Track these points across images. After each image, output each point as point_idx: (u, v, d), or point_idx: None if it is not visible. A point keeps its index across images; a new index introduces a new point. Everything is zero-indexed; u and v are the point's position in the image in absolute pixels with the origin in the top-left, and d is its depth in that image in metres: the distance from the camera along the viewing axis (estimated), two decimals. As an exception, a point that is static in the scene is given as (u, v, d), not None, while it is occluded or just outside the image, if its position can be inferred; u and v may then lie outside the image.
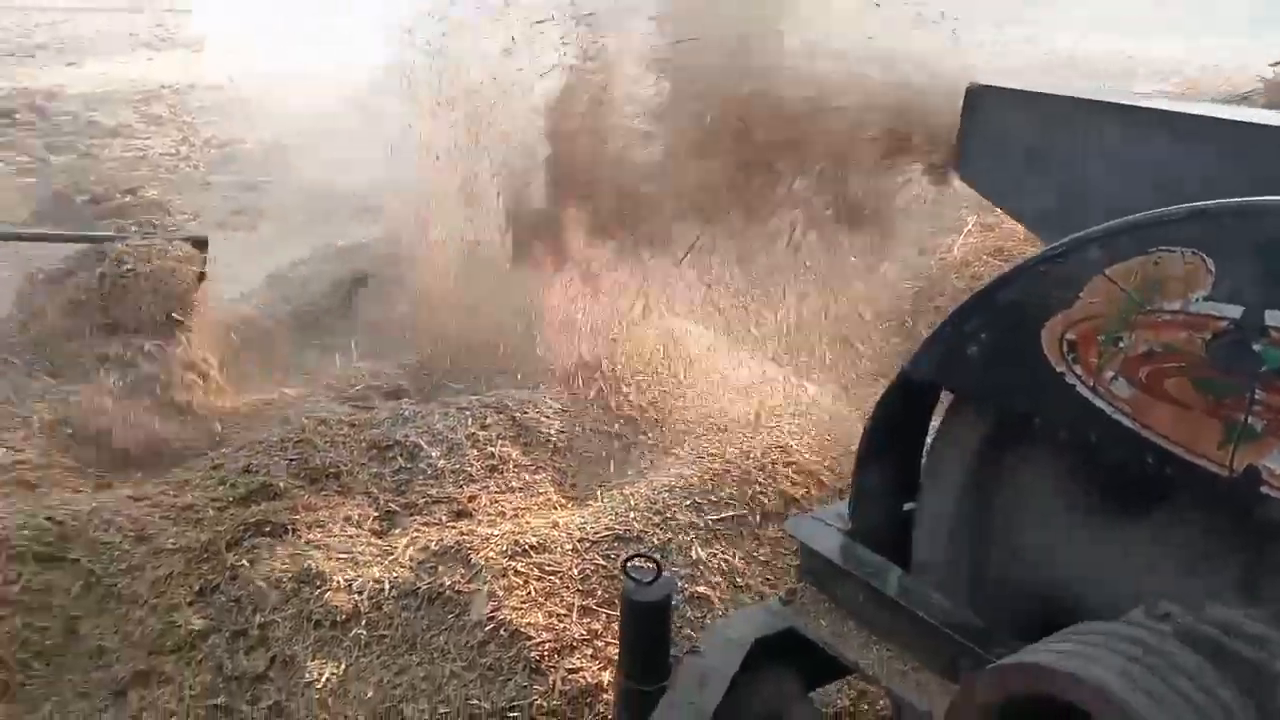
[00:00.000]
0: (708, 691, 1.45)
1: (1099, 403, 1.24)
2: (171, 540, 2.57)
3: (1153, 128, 1.45)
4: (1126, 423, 1.22)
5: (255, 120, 10.55)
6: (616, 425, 3.07)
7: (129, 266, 3.63)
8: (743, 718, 1.53)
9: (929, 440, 1.56)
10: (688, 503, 2.67)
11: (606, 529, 2.56)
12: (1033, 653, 1.07)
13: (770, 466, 2.86)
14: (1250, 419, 1.11)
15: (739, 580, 2.57)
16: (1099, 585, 1.29)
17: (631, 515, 2.61)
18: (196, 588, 2.51)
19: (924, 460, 1.56)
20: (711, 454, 2.83)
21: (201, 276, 3.87)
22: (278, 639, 2.40)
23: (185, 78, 13.70)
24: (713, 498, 2.72)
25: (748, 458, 2.87)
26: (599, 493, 2.78)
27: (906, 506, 1.61)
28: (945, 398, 1.51)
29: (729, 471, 2.80)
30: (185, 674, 2.38)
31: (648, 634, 1.49)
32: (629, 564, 1.46)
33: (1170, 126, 1.42)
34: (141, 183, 7.79)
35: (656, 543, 2.57)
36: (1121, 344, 1.21)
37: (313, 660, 2.35)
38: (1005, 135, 1.62)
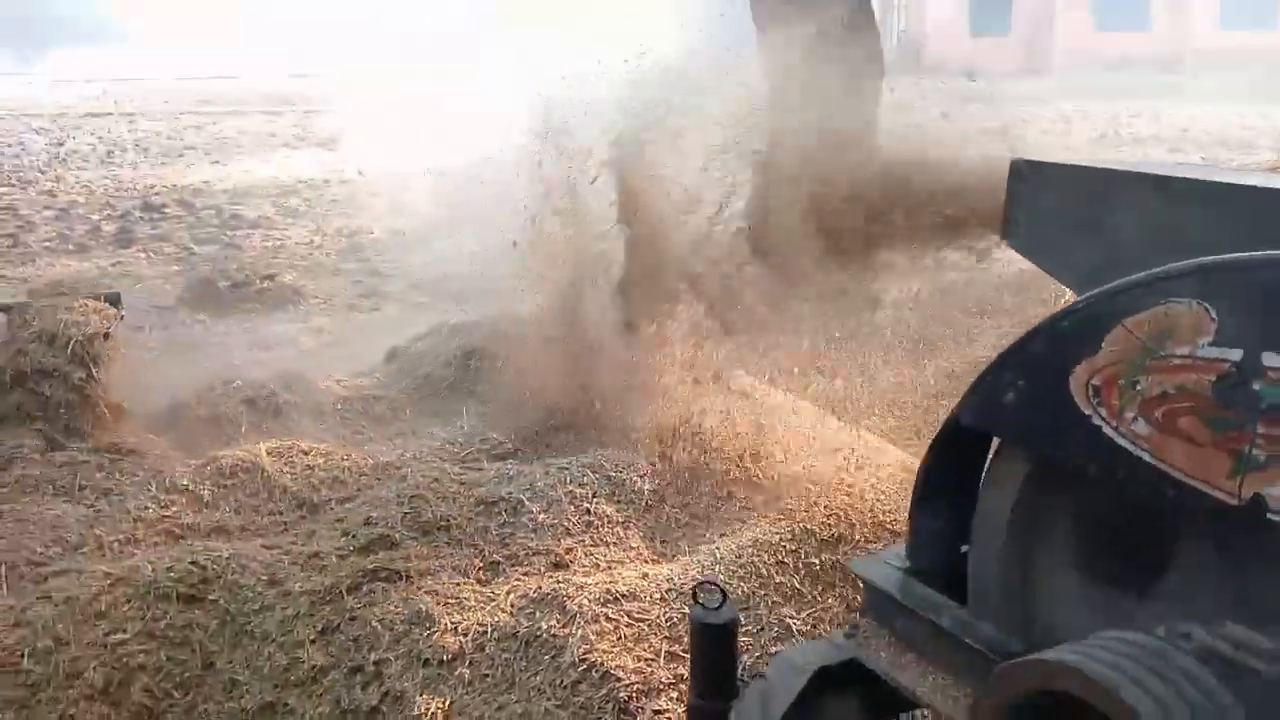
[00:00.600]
0: (771, 711, 1.58)
1: (1122, 441, 1.36)
2: (299, 584, 2.82)
3: (1183, 195, 1.58)
4: (1147, 459, 1.33)
5: (382, 212, 11.29)
6: (706, 486, 3.23)
7: (34, 328, 3.86)
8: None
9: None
10: (773, 560, 2.81)
11: (693, 580, 2.70)
12: (1051, 652, 1.19)
13: (856, 526, 2.97)
14: (1254, 450, 1.22)
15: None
16: (1126, 611, 1.39)
17: (717, 569, 2.75)
18: (319, 627, 2.74)
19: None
20: (798, 513, 2.95)
21: (106, 335, 3.96)
22: (390, 675, 2.61)
23: (319, 174, 14.74)
24: (798, 555, 2.84)
25: (835, 517, 2.98)
26: (686, 547, 2.94)
27: (964, 549, 1.73)
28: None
29: (815, 531, 2.92)
30: (307, 706, 2.60)
31: (715, 655, 1.64)
32: (698, 590, 1.62)
33: (1198, 194, 1.55)
34: (279, 270, 8.41)
35: (741, 595, 2.71)
36: (1139, 387, 1.33)
37: (420, 696, 2.55)
38: (1047, 206, 1.77)
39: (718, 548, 2.85)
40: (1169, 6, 34.47)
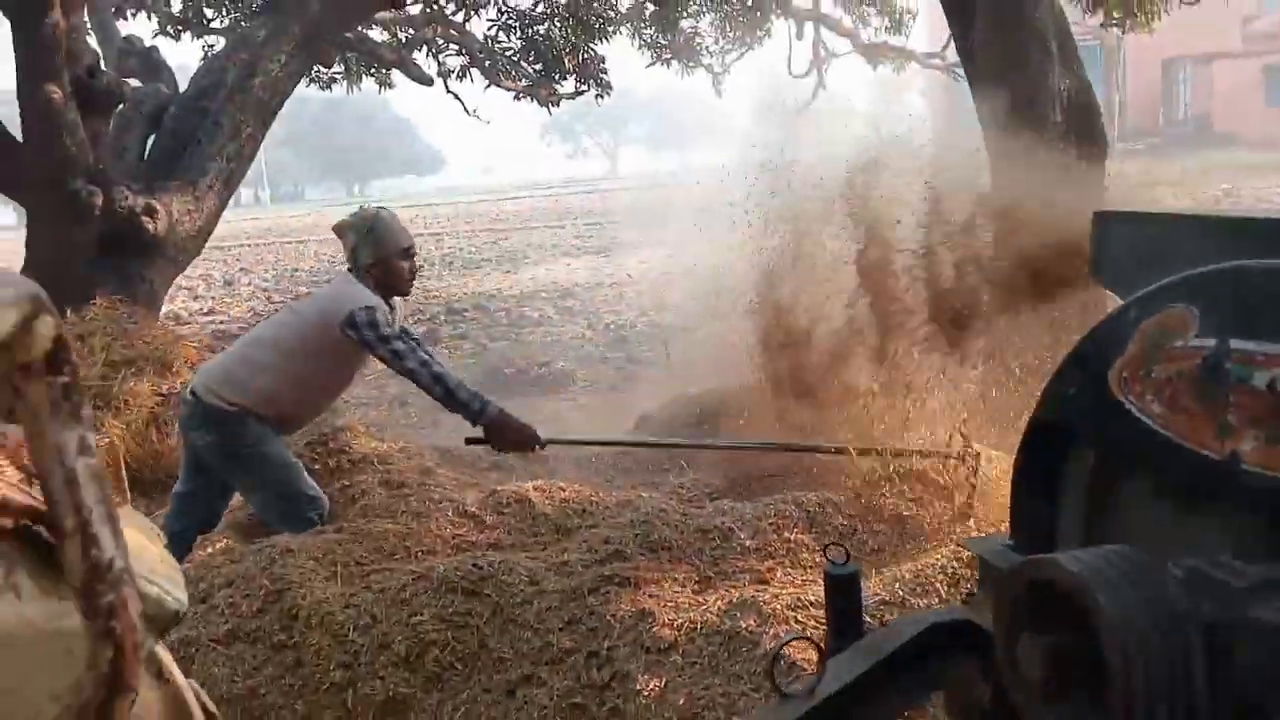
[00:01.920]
0: (886, 644, 2.01)
1: (1145, 420, 1.73)
2: (551, 585, 3.50)
3: (1212, 228, 1.91)
4: (1162, 432, 1.70)
5: (646, 308, 12.34)
6: (900, 512, 3.62)
7: None
8: (920, 678, 2.05)
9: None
10: (947, 580, 3.15)
11: (874, 595, 3.10)
12: (1047, 555, 1.57)
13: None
14: (1229, 417, 1.58)
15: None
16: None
17: (896, 585, 3.14)
18: (566, 619, 3.39)
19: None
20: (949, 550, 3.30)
21: None
22: (619, 659, 3.20)
23: (594, 277, 16.24)
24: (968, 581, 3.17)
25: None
26: (871, 572, 3.33)
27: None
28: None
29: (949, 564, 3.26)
30: (555, 680, 3.23)
31: (842, 601, 2.09)
32: (827, 549, 2.09)
33: (1225, 227, 1.88)
34: (553, 358, 9.55)
35: (920, 607, 3.07)
36: (1152, 375, 1.71)
37: (642, 676, 3.12)
38: (1123, 246, 2.14)
39: (899, 570, 3.24)
40: None
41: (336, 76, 12.17)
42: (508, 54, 12.08)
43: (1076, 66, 6.29)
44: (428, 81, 11.52)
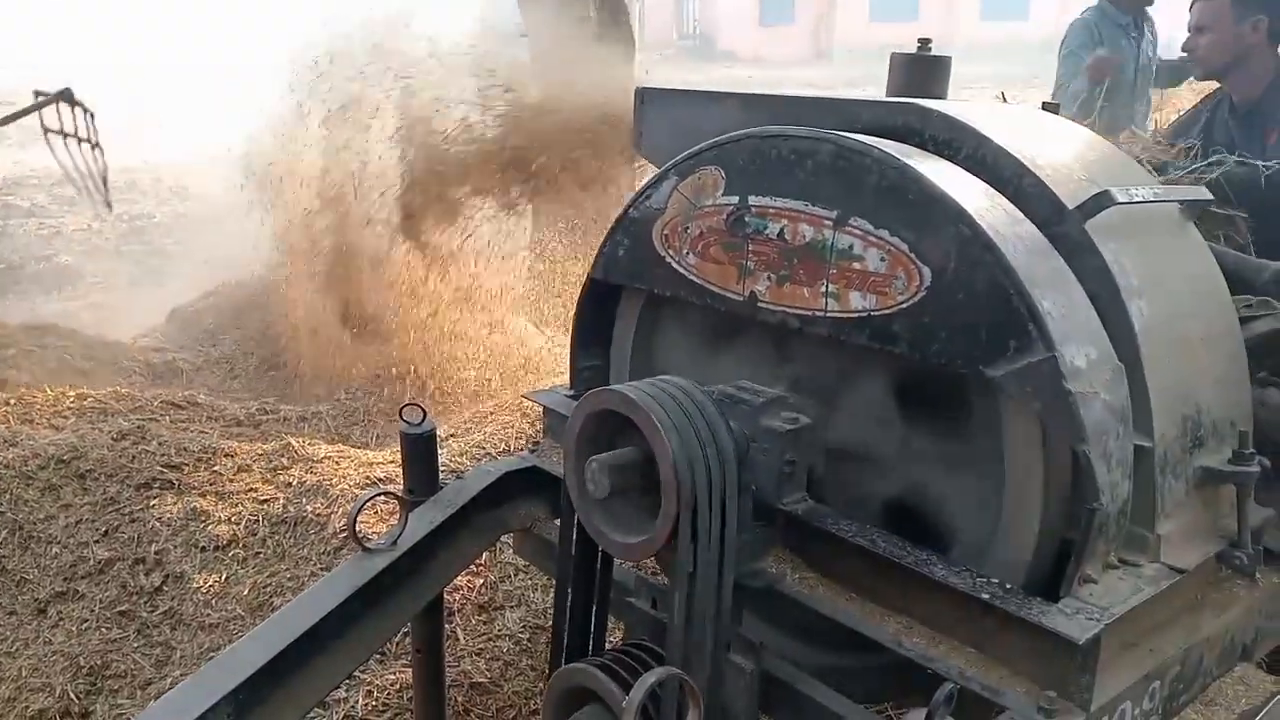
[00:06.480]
0: (462, 494, 2.10)
1: (683, 271, 1.95)
2: (77, 496, 3.13)
3: (732, 103, 2.19)
4: (696, 280, 1.92)
5: (164, 198, 11.11)
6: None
7: None
8: (497, 521, 2.18)
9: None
10: (492, 450, 3.36)
11: (443, 464, 3.20)
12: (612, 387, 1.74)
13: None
14: (748, 262, 1.83)
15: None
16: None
17: (461, 459, 3.28)
18: (103, 530, 3.07)
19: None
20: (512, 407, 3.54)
21: None
22: (171, 562, 2.98)
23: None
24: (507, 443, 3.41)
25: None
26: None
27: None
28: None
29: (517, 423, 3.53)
30: (95, 591, 2.94)
31: (420, 458, 2.14)
32: (403, 411, 2.11)
33: (741, 103, 2.17)
34: (56, 252, 8.27)
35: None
36: (688, 231, 1.92)
37: (199, 574, 2.94)
38: (661, 118, 2.37)
39: (454, 444, 3.39)
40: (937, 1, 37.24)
41: None
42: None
43: (608, -32, 6.63)
44: None
